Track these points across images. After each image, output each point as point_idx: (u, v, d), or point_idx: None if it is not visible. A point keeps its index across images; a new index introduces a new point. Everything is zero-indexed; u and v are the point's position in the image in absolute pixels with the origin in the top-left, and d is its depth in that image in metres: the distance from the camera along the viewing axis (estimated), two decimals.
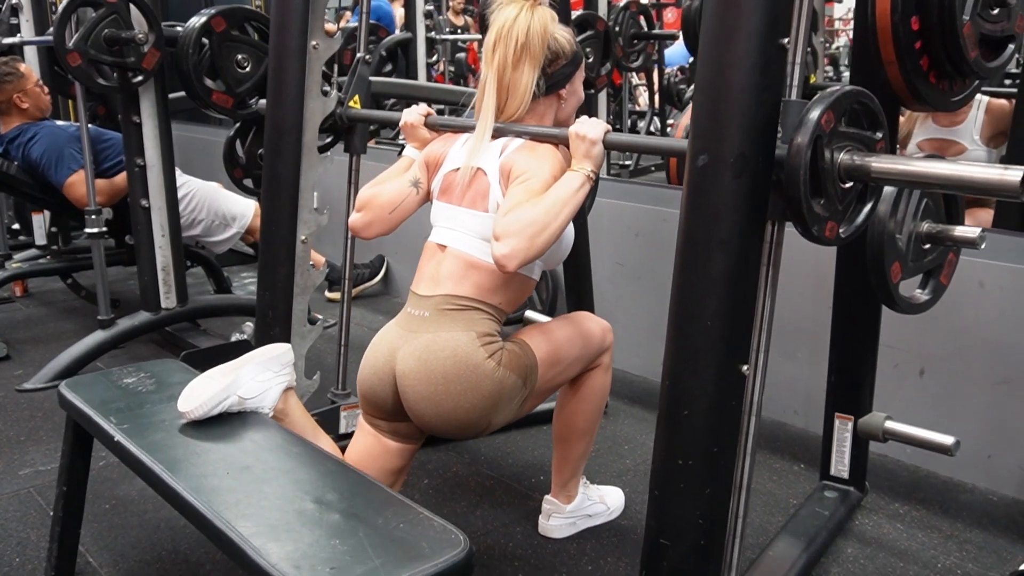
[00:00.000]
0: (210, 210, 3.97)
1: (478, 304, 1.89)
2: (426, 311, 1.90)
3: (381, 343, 1.97)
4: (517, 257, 1.72)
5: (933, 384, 2.56)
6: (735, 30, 1.37)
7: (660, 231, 3.19)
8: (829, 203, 1.47)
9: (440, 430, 1.91)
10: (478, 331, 1.87)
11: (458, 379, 1.83)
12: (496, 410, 1.87)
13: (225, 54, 3.19)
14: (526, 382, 1.91)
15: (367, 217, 2.06)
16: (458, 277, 1.90)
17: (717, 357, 1.44)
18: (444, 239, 1.95)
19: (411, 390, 1.87)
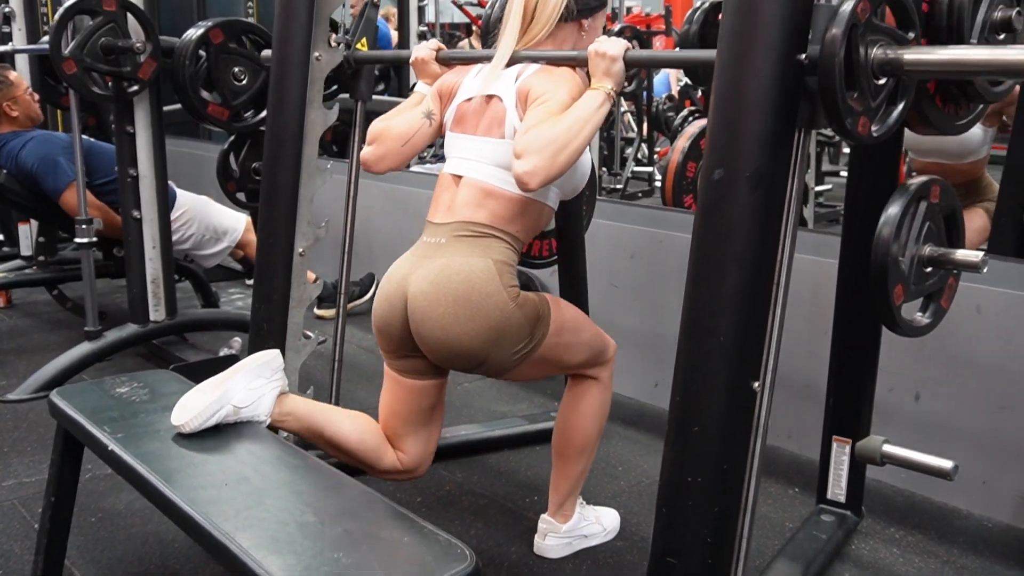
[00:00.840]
0: (201, 223, 3.93)
1: (495, 231, 1.87)
2: (442, 238, 1.89)
3: (395, 272, 1.96)
4: (539, 174, 1.69)
5: (929, 409, 2.56)
6: (753, 45, 1.37)
7: (655, 252, 3.18)
8: (862, 97, 1.46)
9: (439, 355, 1.89)
10: (495, 259, 1.85)
11: (468, 303, 1.81)
12: (496, 345, 1.84)
13: (222, 66, 3.17)
14: (533, 332, 1.89)
15: (379, 150, 2.03)
16: (474, 205, 1.88)
17: (729, 373, 1.43)
18: (459, 169, 1.93)
19: (419, 312, 1.85)
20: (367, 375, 3.54)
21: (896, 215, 1.90)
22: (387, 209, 4.35)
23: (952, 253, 1.99)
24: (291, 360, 2.46)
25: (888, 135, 1.56)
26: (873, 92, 1.48)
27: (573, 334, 2.00)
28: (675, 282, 3.13)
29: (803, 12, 1.39)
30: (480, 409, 3.19)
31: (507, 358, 1.88)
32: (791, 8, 1.36)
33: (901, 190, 1.94)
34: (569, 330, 1.99)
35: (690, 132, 3.42)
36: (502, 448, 2.83)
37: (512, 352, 1.88)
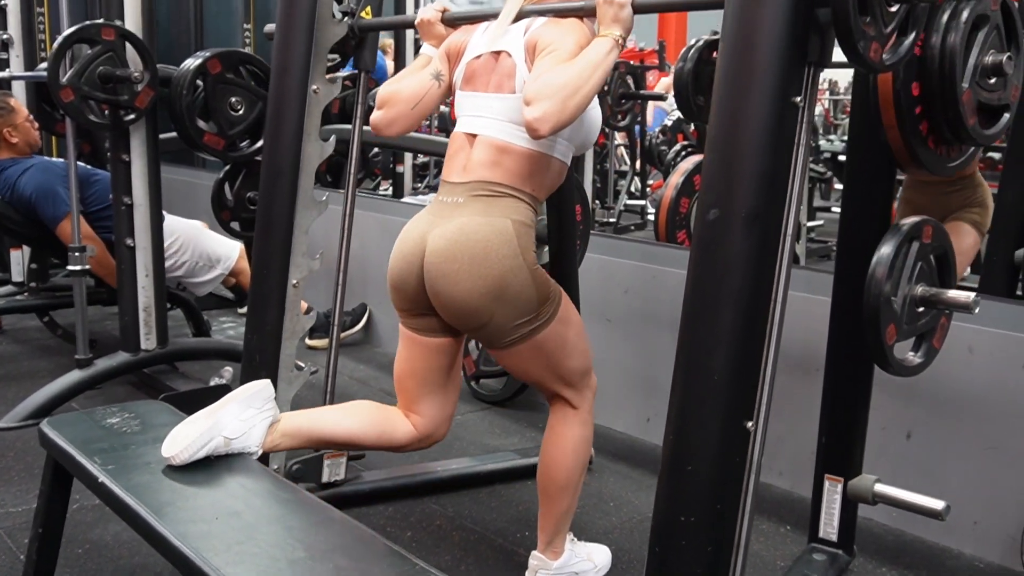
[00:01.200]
0: (195, 251, 3.93)
1: (513, 191, 1.88)
2: (459, 197, 1.89)
3: (411, 230, 1.96)
4: (550, 120, 1.69)
5: (920, 448, 2.56)
6: (749, 89, 1.39)
7: (649, 288, 3.19)
8: (875, 23, 1.47)
9: (449, 312, 1.90)
10: (514, 219, 1.86)
11: (484, 262, 1.82)
12: (502, 306, 1.85)
13: (219, 96, 3.19)
14: (540, 308, 1.89)
15: (390, 114, 2.02)
16: (490, 163, 1.89)
17: (723, 412, 1.43)
18: (472, 127, 1.93)
19: (435, 268, 1.86)
20: None
21: (889, 255, 1.91)
22: (382, 240, 4.35)
23: (944, 293, 2.00)
24: (283, 392, 2.46)
25: (899, 64, 1.58)
26: (885, 19, 1.50)
27: (575, 334, 2.01)
28: (668, 318, 3.14)
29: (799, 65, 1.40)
30: (472, 442, 3.18)
31: (508, 325, 1.88)
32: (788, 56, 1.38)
33: (893, 230, 1.96)
34: (573, 328, 2.00)
35: (684, 168, 3.45)
36: (494, 482, 2.81)
37: (515, 321, 1.88)
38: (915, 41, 1.60)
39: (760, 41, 1.39)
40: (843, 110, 9.51)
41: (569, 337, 1.99)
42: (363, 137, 2.66)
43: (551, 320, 1.93)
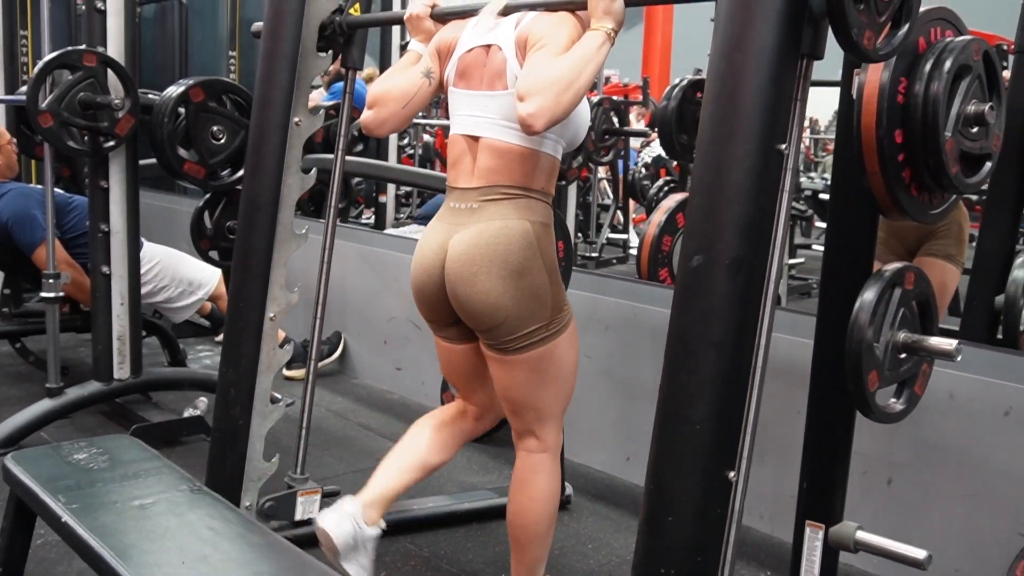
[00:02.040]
0: (174, 277, 3.89)
1: (526, 191, 1.88)
2: (472, 203, 1.89)
3: (428, 241, 1.96)
4: (544, 115, 1.68)
5: (901, 494, 2.54)
6: (734, 134, 1.38)
7: (630, 325, 3.17)
8: (868, 12, 1.48)
9: (465, 310, 1.90)
10: (533, 220, 1.87)
11: (504, 263, 1.83)
12: (519, 304, 1.86)
13: (201, 124, 3.16)
14: (552, 319, 1.90)
15: (381, 114, 2.01)
16: (496, 167, 1.88)
17: (704, 462, 1.40)
18: (472, 129, 1.92)
19: (453, 272, 1.87)
20: (335, 440, 3.48)
21: (871, 301, 1.90)
22: (361, 270, 4.33)
23: (926, 340, 1.98)
24: (257, 427, 2.41)
25: (892, 55, 1.59)
26: (879, 7, 1.51)
27: (571, 368, 2.01)
28: (649, 356, 3.12)
29: (782, 105, 1.39)
30: (449, 479, 3.14)
31: (521, 327, 1.88)
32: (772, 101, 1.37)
33: (876, 276, 1.94)
34: (572, 359, 2.00)
35: (666, 206, 3.44)
36: (471, 521, 2.77)
37: (528, 324, 1.88)
38: (908, 34, 1.61)
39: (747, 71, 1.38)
40: (824, 148, 9.60)
41: (567, 365, 1.99)
42: (347, 167, 2.65)
43: (561, 333, 1.93)
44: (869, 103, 1.81)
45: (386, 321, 4.17)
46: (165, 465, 1.94)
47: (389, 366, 4.18)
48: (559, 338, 1.94)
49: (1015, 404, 2.36)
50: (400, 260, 4.15)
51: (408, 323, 4.07)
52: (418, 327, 4.02)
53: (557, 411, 2.03)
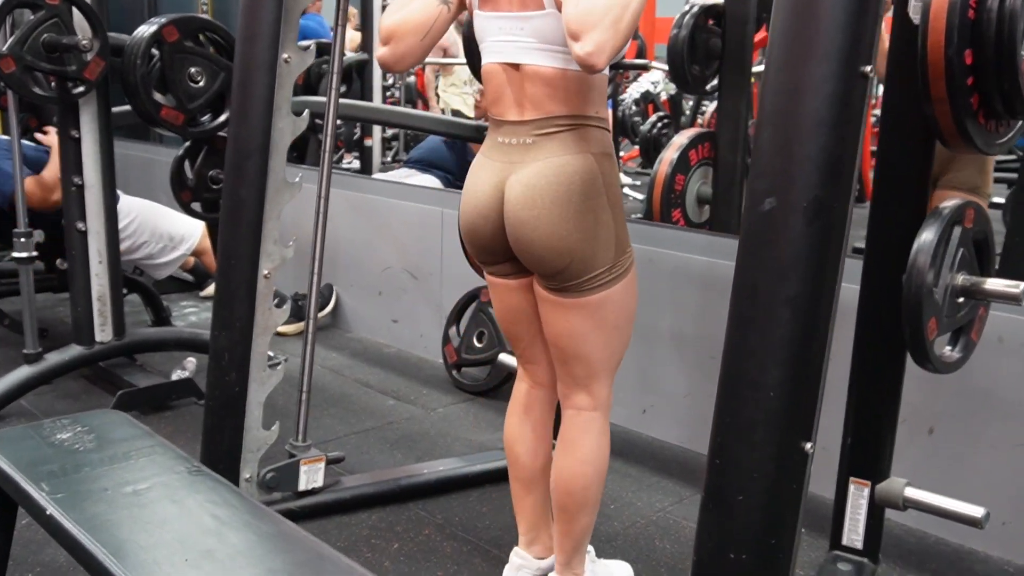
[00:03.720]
0: (154, 232, 3.68)
1: (583, 119, 1.71)
2: (526, 137, 1.72)
3: (480, 182, 1.79)
4: (606, 50, 1.48)
5: (944, 445, 2.40)
6: (812, 54, 1.18)
7: (645, 271, 2.95)
8: None
9: (529, 257, 1.75)
10: (594, 152, 1.71)
11: (568, 204, 1.67)
12: (585, 245, 1.70)
13: (177, 66, 2.92)
14: (616, 261, 1.75)
15: (398, 49, 1.77)
16: (546, 96, 1.70)
17: (780, 433, 1.23)
18: (510, 56, 1.72)
19: (514, 216, 1.71)
20: (334, 399, 3.30)
21: (931, 242, 1.73)
22: (351, 218, 4.12)
23: (987, 283, 1.82)
24: (256, 393, 2.23)
25: None
26: None
27: (629, 316, 1.85)
28: (666, 302, 2.95)
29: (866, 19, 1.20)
30: (457, 438, 2.97)
31: (587, 269, 1.72)
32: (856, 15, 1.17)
33: (934, 214, 1.77)
34: (631, 307, 1.85)
35: (678, 143, 3.23)
36: (484, 483, 2.61)
37: (594, 266, 1.73)
38: None
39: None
40: None
41: (626, 312, 1.84)
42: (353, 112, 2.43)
43: (623, 277, 1.78)
44: (937, 21, 1.60)
45: (380, 271, 3.98)
46: (159, 443, 1.75)
47: (385, 318, 4.00)
48: (621, 282, 1.78)
49: None
50: (393, 206, 3.94)
51: (404, 273, 3.87)
52: (415, 277, 3.83)
53: (611, 364, 1.88)
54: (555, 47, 1.64)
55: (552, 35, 1.64)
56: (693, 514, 2.51)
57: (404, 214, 3.88)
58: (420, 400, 3.30)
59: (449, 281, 3.63)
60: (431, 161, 4.65)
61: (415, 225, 3.82)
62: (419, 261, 3.80)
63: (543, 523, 2.04)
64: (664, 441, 2.97)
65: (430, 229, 3.71)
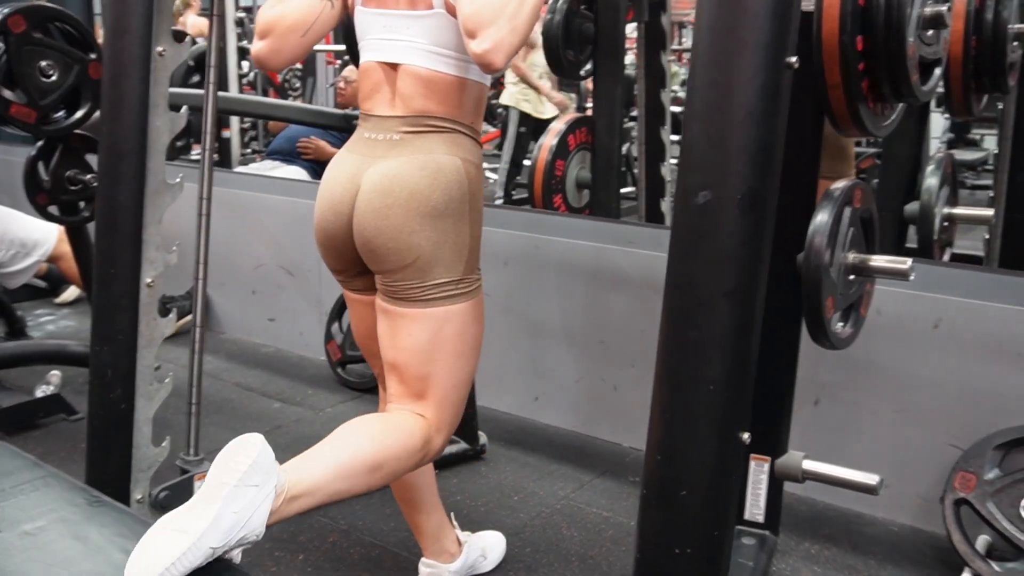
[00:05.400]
0: (3, 238, 3.41)
1: (456, 124, 1.63)
2: (393, 133, 1.62)
3: (336, 174, 1.67)
4: (503, 47, 1.44)
5: (829, 414, 2.50)
6: (741, 47, 1.18)
7: (531, 259, 2.98)
8: None
9: (369, 247, 1.62)
10: (465, 158, 1.62)
11: (427, 199, 1.58)
12: (435, 248, 1.60)
13: (26, 60, 2.70)
14: (467, 273, 1.65)
15: (274, 44, 1.66)
16: (422, 96, 1.62)
17: (721, 426, 1.24)
18: (390, 55, 1.64)
19: (365, 204, 1.60)
20: (215, 405, 3.16)
21: (826, 223, 1.78)
22: (216, 215, 3.91)
23: (876, 260, 1.89)
24: (143, 409, 2.10)
25: None
26: None
27: (474, 339, 1.71)
28: (552, 289, 2.96)
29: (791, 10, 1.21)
30: None
31: (429, 275, 1.61)
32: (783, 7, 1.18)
33: (827, 197, 1.82)
34: (475, 335, 1.71)
35: (557, 128, 3.24)
36: (386, 489, 2.55)
37: (439, 274, 1.61)
38: None
39: None
40: None
41: (469, 338, 1.70)
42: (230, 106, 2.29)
43: (470, 297, 1.67)
44: (831, 9, 1.65)
45: (253, 269, 3.83)
46: (49, 473, 1.62)
47: (261, 317, 3.85)
48: (468, 302, 1.67)
49: (943, 316, 2.33)
50: (260, 200, 3.80)
51: (279, 269, 3.74)
52: (291, 273, 3.71)
53: (449, 391, 1.69)
54: (441, 49, 1.59)
55: (439, 36, 1.58)
56: (596, 500, 2.57)
57: (274, 208, 3.75)
58: (307, 401, 3.21)
59: (328, 276, 3.48)
60: (294, 151, 4.51)
61: (286, 219, 3.69)
62: (294, 256, 3.68)
63: (443, 533, 2.05)
64: (558, 427, 2.98)
65: (303, 223, 3.55)
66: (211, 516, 1.28)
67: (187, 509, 1.31)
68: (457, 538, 2.12)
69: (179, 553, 1.25)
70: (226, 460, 1.35)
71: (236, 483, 1.31)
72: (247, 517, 1.32)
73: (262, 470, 1.35)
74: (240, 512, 1.31)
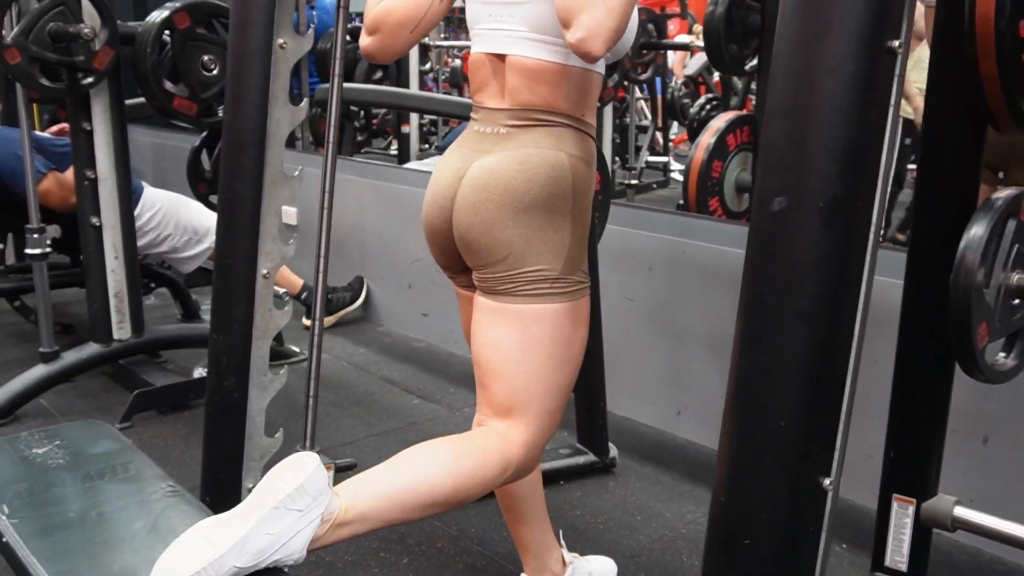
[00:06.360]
0: (178, 225, 3.59)
1: (566, 118, 1.52)
2: (501, 127, 1.54)
3: (444, 169, 1.61)
4: (600, 34, 1.33)
5: (999, 453, 2.20)
6: (828, 30, 1.00)
7: (678, 264, 2.82)
8: None
9: (463, 241, 1.54)
10: (572, 153, 1.51)
11: (523, 195, 1.48)
12: (529, 243, 1.49)
13: (189, 54, 2.82)
14: (565, 272, 1.52)
15: (384, 41, 1.64)
16: (529, 88, 1.52)
17: (793, 467, 1.07)
18: (496, 46, 1.56)
19: (461, 199, 1.52)
20: (356, 397, 3.19)
21: (981, 237, 1.54)
22: (380, 209, 4.01)
23: None
24: (256, 400, 2.12)
25: None
26: None
27: (571, 347, 1.57)
28: (700, 297, 2.78)
29: None
30: None
31: (522, 264, 1.50)
32: None
33: (986, 207, 1.58)
34: (577, 344, 1.58)
35: (716, 126, 3.05)
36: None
37: (533, 268, 1.50)
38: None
39: None
40: None
41: (565, 344, 1.56)
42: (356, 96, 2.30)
43: (569, 299, 1.54)
44: None
45: (409, 264, 3.85)
46: (139, 460, 1.65)
47: (415, 312, 3.88)
48: (565, 304, 1.53)
49: None
50: (418, 196, 3.80)
51: (434, 265, 3.71)
52: None
53: (536, 398, 1.55)
54: (546, 37, 1.49)
55: (543, 23, 1.48)
56: None
57: None
58: (446, 399, 3.18)
59: None
60: None
61: None
62: None
63: (546, 550, 1.94)
64: (699, 444, 2.81)
65: None
66: (240, 535, 1.24)
67: (228, 519, 1.28)
68: (563, 557, 2.01)
69: (200, 566, 1.22)
70: (274, 478, 1.31)
71: (276, 504, 1.27)
72: (284, 541, 1.27)
73: (309, 494, 1.30)
74: (277, 535, 1.26)
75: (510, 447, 1.55)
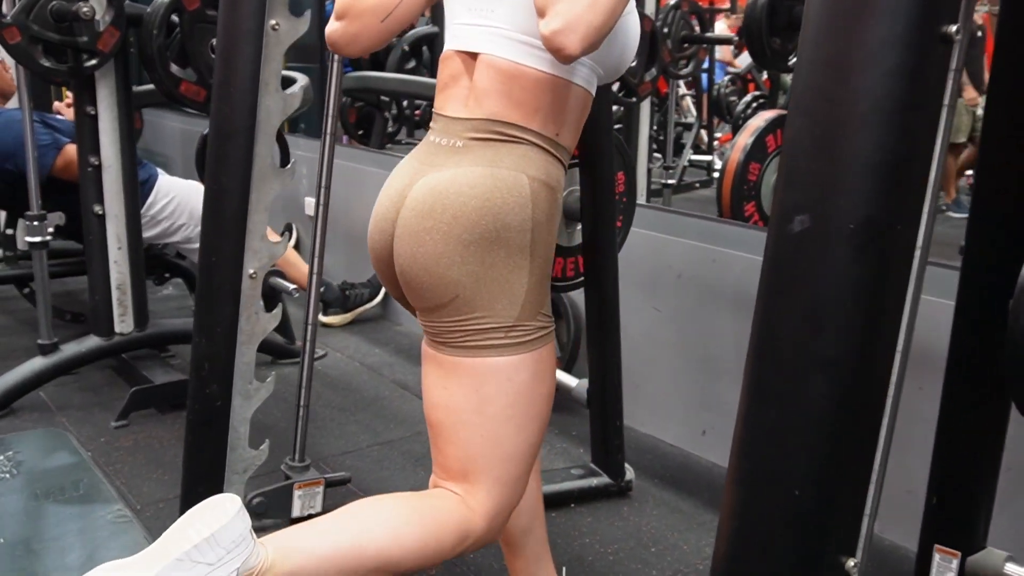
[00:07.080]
0: (192, 214, 3.47)
1: (535, 136, 1.33)
2: (458, 139, 1.33)
3: (390, 184, 1.40)
4: (578, 30, 1.15)
5: None
6: (869, 9, 0.81)
7: (708, 273, 2.62)
8: None
9: (404, 277, 1.33)
10: (533, 176, 1.31)
11: (474, 225, 1.27)
12: (480, 285, 1.28)
13: (198, 38, 2.66)
14: (521, 319, 1.31)
15: (352, 28, 1.43)
16: (498, 95, 1.33)
17: (809, 547, 0.88)
18: (469, 43, 1.37)
19: (403, 225, 1.31)
20: (365, 402, 3.04)
21: None
22: None
23: None
24: (240, 409, 1.97)
25: None
26: None
27: (532, 406, 1.37)
28: (731, 308, 2.58)
29: None
30: None
31: (473, 317, 1.30)
32: None
33: None
34: (538, 393, 1.37)
35: (754, 126, 2.85)
36: None
37: (484, 316, 1.30)
38: None
39: None
40: None
41: (525, 404, 1.36)
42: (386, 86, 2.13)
43: (525, 350, 1.33)
44: None
45: None
46: (93, 479, 1.50)
47: None
48: (524, 355, 1.34)
49: None
50: None
51: None
52: None
53: (495, 466, 1.36)
54: (531, 39, 1.30)
55: (527, 24, 1.28)
56: None
57: None
58: None
59: None
60: None
61: None
62: None
63: None
64: (724, 468, 2.58)
65: None
66: None
67: (131, 563, 1.11)
68: None
69: None
70: (186, 522, 1.13)
71: (180, 556, 1.09)
72: None
73: (222, 546, 1.12)
74: None
75: (471, 515, 1.36)
